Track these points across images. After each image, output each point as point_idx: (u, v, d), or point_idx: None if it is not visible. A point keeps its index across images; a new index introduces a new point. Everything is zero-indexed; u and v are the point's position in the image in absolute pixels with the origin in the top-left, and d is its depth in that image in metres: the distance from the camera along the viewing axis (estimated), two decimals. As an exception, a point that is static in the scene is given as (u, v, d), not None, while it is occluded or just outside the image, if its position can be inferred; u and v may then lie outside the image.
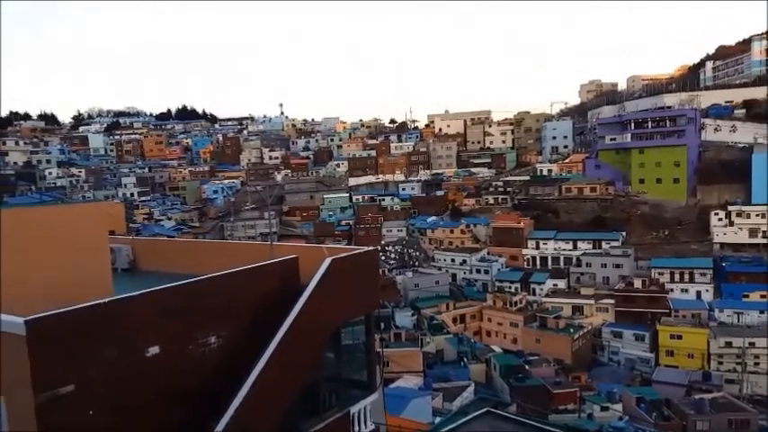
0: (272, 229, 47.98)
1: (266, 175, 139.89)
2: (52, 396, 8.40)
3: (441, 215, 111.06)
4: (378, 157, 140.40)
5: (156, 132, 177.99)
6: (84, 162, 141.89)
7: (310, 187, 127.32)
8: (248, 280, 11.87)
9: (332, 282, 12.49)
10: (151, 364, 9.81)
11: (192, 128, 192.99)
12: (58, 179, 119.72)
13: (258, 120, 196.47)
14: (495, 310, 79.70)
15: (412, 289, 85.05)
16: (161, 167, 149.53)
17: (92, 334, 9.04)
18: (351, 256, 13.90)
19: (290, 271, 12.81)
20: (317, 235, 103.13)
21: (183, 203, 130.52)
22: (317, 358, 12.74)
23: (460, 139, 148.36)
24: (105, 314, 9.28)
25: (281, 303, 11.84)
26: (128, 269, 17.52)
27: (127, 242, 18.39)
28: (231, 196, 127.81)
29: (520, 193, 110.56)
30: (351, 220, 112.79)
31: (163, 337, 10.00)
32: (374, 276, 15.33)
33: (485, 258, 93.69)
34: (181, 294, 10.55)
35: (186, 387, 10.38)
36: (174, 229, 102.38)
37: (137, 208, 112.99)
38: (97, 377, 9.01)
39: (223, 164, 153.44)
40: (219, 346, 10.95)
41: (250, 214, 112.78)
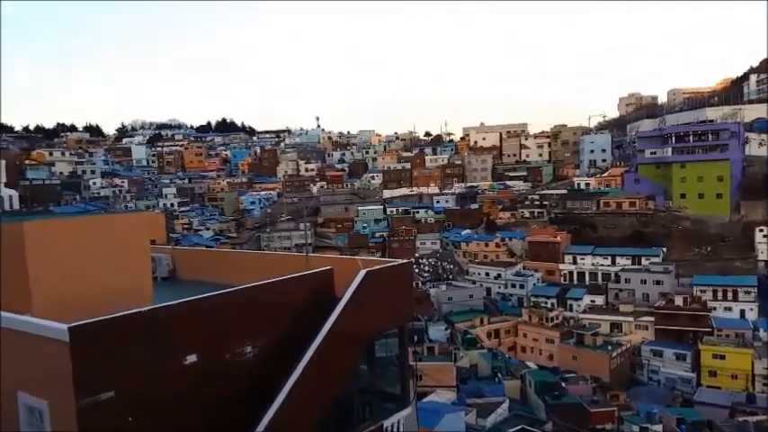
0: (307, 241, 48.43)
1: (302, 187, 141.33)
2: (93, 401, 8.60)
3: (475, 228, 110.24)
4: (412, 169, 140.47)
5: (197, 144, 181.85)
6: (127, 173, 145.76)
7: (345, 199, 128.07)
8: (284, 290, 11.99)
9: (366, 294, 12.51)
10: (188, 372, 9.97)
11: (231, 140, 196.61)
12: (102, 189, 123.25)
13: (295, 132, 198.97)
14: (531, 326, 78.45)
15: (446, 302, 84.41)
16: (200, 179, 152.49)
17: (132, 341, 9.25)
18: (385, 269, 13.91)
19: (324, 282, 12.89)
20: (351, 247, 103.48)
21: (221, 214, 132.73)
22: (351, 370, 12.75)
23: (496, 152, 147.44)
24: (145, 322, 9.49)
25: (316, 314, 11.91)
26: (167, 278, 17.90)
27: (167, 252, 18.81)
28: (268, 207, 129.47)
29: (556, 207, 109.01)
30: (385, 233, 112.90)
31: (200, 345, 10.16)
32: (408, 289, 15.32)
33: (520, 273, 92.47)
34: (218, 303, 10.72)
35: (222, 396, 10.50)
36: (212, 239, 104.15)
37: (177, 218, 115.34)
38: (136, 384, 9.20)
39: (260, 176, 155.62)
40: (255, 355, 11.06)
41: (286, 225, 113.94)
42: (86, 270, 11.49)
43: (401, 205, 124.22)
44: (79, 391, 8.45)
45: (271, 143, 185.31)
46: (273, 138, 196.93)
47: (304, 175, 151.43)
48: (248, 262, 17.75)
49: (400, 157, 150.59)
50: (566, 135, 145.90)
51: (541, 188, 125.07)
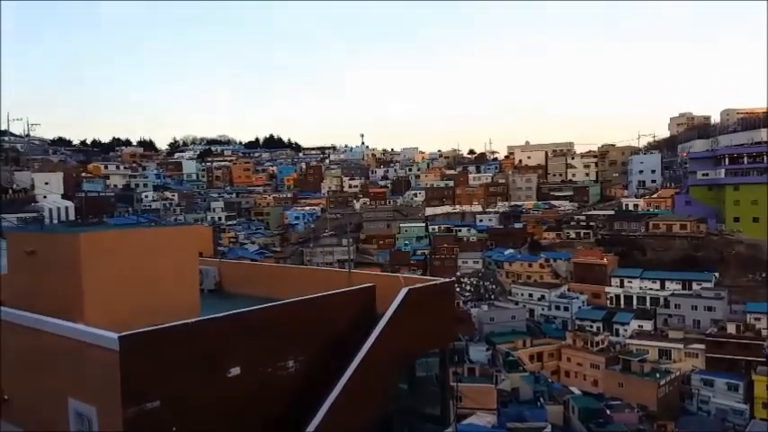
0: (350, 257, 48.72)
1: (345, 203, 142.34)
2: (139, 410, 8.80)
3: (519, 248, 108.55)
4: (455, 187, 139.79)
5: (245, 160, 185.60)
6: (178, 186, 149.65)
7: (387, 216, 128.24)
8: (327, 306, 12.07)
9: (408, 312, 12.46)
10: (232, 385, 10.11)
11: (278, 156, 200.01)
12: (153, 202, 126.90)
13: (340, 149, 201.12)
14: (575, 350, 76.51)
15: (487, 323, 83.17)
16: (247, 193, 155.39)
17: (179, 352, 9.44)
18: (427, 287, 13.85)
19: (367, 299, 12.91)
20: (392, 264, 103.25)
21: (267, 228, 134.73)
22: (392, 389, 12.68)
23: (541, 171, 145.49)
24: (192, 333, 9.68)
25: (358, 331, 11.93)
26: (214, 290, 18.25)
27: (214, 264, 19.21)
28: (311, 223, 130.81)
29: (603, 228, 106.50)
30: (426, 250, 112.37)
31: (244, 358, 10.30)
32: (451, 308, 15.21)
33: (565, 295, 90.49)
34: (263, 317, 10.87)
35: (264, 410, 10.59)
36: (257, 252, 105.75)
37: (224, 231, 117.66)
38: (181, 394, 9.37)
39: (305, 191, 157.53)
40: (297, 370, 11.15)
41: (328, 241, 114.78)
42: (137, 280, 11.83)
43: (443, 223, 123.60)
44: (127, 399, 8.66)
45: (316, 159, 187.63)
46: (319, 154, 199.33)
47: (347, 192, 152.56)
48: (292, 276, 17.95)
49: (443, 174, 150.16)
50: (614, 155, 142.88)
51: (588, 208, 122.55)
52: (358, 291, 12.92)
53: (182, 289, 12.59)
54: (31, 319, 10.72)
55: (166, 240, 12.78)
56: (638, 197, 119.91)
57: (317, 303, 11.89)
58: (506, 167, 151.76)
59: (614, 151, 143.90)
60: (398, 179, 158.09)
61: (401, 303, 12.32)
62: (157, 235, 13.28)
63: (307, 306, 11.68)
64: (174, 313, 10.81)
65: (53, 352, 10.15)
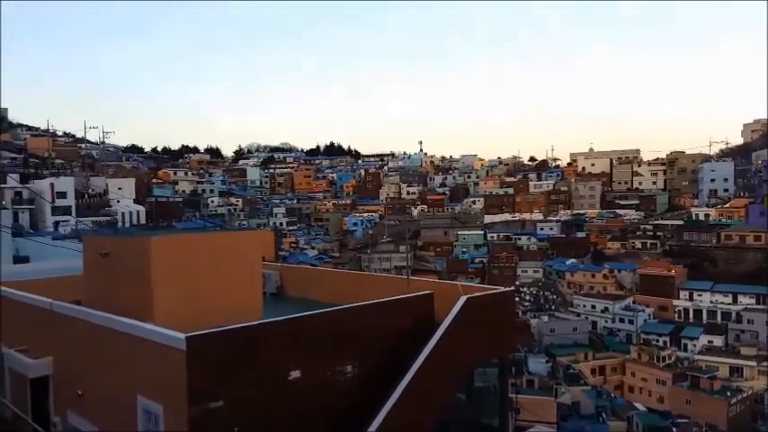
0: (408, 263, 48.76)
1: (403, 210, 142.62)
2: (204, 409, 9.07)
3: (581, 258, 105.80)
4: (515, 195, 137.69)
5: (306, 167, 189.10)
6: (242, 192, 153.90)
7: (445, 223, 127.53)
8: (386, 312, 12.11)
9: (467, 321, 12.35)
10: (292, 388, 10.27)
11: (338, 163, 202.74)
12: (219, 207, 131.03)
13: (398, 156, 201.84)
14: (640, 365, 73.78)
15: (547, 334, 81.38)
16: (308, 200, 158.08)
17: (242, 354, 9.69)
18: (487, 296, 13.70)
19: (425, 306, 12.88)
20: (449, 271, 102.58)
21: (326, 234, 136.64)
22: (450, 398, 12.59)
23: (605, 179, 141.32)
24: (255, 336, 9.92)
25: (416, 338, 11.91)
26: (275, 294, 18.64)
27: (276, 268, 19.62)
28: (369, 229, 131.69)
29: (672, 239, 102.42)
30: (484, 258, 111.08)
31: (304, 361, 10.46)
32: (510, 318, 14.98)
33: (629, 307, 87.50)
34: (323, 322, 11.02)
35: (323, 414, 10.71)
36: (317, 257, 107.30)
37: (285, 236, 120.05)
38: (243, 395, 9.60)
39: (364, 198, 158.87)
40: (355, 375, 11.22)
41: (386, 247, 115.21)
42: (204, 283, 12.22)
43: (502, 231, 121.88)
44: (192, 399, 8.94)
45: (375, 166, 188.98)
46: (377, 161, 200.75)
47: (405, 198, 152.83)
48: (351, 282, 18.12)
49: (503, 182, 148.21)
50: (683, 162, 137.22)
51: (655, 218, 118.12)
52: (417, 298, 12.91)
53: (245, 292, 12.91)
54: (104, 318, 11.24)
55: (232, 244, 13.15)
56: (709, 206, 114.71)
57: (376, 309, 11.95)
58: (569, 175, 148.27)
59: (684, 158, 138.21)
60: (457, 186, 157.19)
61: (460, 312, 12.23)
62: (223, 239, 13.69)
63: (366, 312, 11.76)
64: (238, 316, 11.11)
65: (124, 350, 10.59)
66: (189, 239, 12.89)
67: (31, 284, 15.25)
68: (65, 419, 12.30)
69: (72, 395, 11.90)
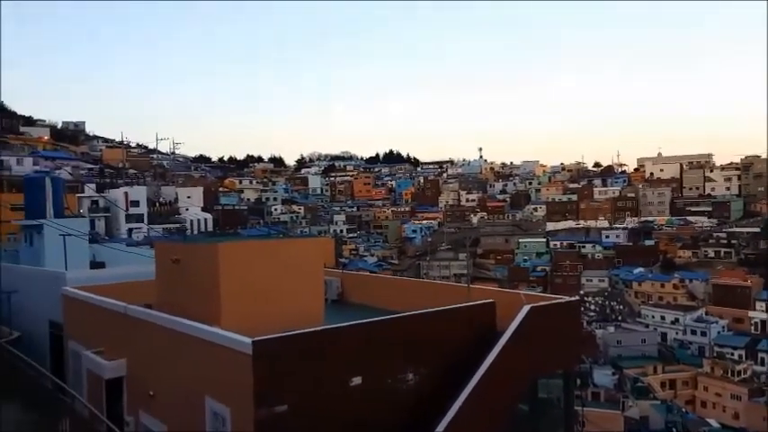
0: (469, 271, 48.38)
1: (462, 217, 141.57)
2: (269, 413, 9.27)
3: (650, 267, 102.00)
4: (579, 201, 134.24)
5: (365, 175, 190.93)
6: (303, 200, 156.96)
7: (506, 231, 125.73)
8: (446, 320, 12.04)
9: (530, 331, 12.13)
10: (354, 394, 10.35)
11: (397, 171, 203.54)
12: (282, 215, 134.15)
13: (457, 163, 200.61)
14: (713, 379, 70.32)
15: (614, 345, 78.80)
16: (367, 207, 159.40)
17: (306, 359, 9.85)
18: (551, 306, 13.41)
19: (487, 315, 12.74)
20: (510, 279, 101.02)
21: (385, 241, 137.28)
22: (512, 410, 12.37)
23: (675, 185, 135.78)
24: (319, 341, 10.08)
25: (477, 347, 11.78)
26: (336, 300, 18.86)
27: (337, 275, 19.86)
28: (428, 236, 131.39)
29: (747, 247, 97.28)
30: (547, 267, 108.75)
31: (366, 368, 10.52)
32: (576, 329, 14.63)
33: (702, 318, 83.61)
34: (385, 329, 11.06)
35: (383, 421, 10.73)
36: (376, 264, 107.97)
37: (345, 243, 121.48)
38: (307, 400, 9.75)
39: (422, 205, 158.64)
40: (416, 383, 11.20)
41: (445, 255, 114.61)
42: (269, 289, 12.51)
43: (566, 239, 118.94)
44: (258, 402, 9.16)
45: (433, 174, 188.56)
46: (436, 168, 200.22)
47: (465, 206, 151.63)
48: (411, 289, 18.11)
49: (566, 188, 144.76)
50: (759, 166, 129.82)
51: (729, 225, 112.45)
52: (478, 306, 12.78)
53: (308, 298, 13.13)
54: (174, 321, 11.69)
55: (295, 251, 13.41)
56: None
57: (437, 317, 11.90)
58: (636, 181, 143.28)
59: (760, 163, 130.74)
60: (518, 193, 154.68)
61: (523, 321, 12.03)
62: (287, 246, 13.99)
63: (427, 320, 11.73)
64: (301, 321, 11.30)
65: (193, 353, 10.98)
66: (255, 246, 13.23)
67: (107, 289, 16.01)
68: (137, 419, 12.81)
69: (144, 396, 12.41)
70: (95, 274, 20.38)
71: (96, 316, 14.96)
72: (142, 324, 12.78)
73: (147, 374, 12.65)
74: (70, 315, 16.80)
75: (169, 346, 11.81)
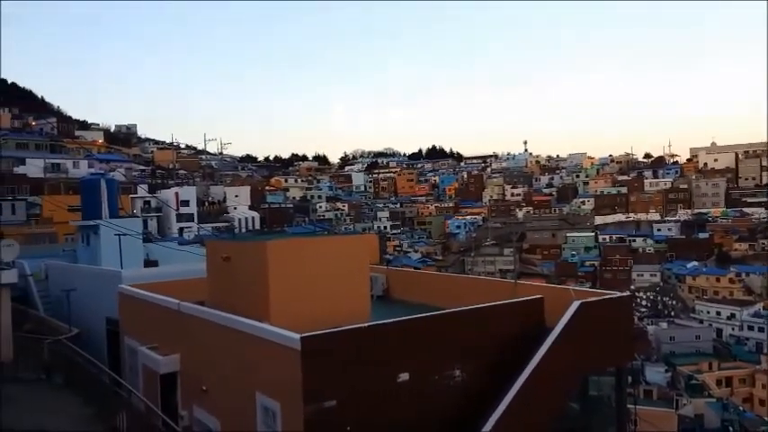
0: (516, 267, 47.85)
1: (507, 212, 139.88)
2: (318, 408, 9.37)
3: (704, 260, 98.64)
4: (629, 194, 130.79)
5: (408, 171, 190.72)
6: (347, 197, 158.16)
7: (553, 225, 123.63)
8: (494, 316, 11.93)
9: (580, 327, 11.89)
10: (401, 390, 10.36)
11: (440, 166, 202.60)
12: (326, 212, 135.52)
13: (502, 157, 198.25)
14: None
15: (666, 342, 76.67)
16: (411, 203, 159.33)
17: (353, 355, 9.92)
18: (602, 301, 13.11)
19: (535, 311, 12.56)
20: (558, 275, 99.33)
21: (429, 237, 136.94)
22: (562, 407, 12.16)
23: (730, 175, 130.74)
24: (366, 337, 10.12)
25: (525, 344, 11.63)
26: (381, 297, 18.92)
27: (382, 272, 19.92)
28: (473, 232, 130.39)
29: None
30: (596, 262, 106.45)
31: (412, 364, 10.52)
32: (628, 325, 14.25)
33: (760, 314, 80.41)
34: (431, 325, 11.03)
35: (430, 417, 10.72)
36: (420, 261, 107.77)
37: (389, 240, 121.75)
38: (355, 396, 9.81)
39: (466, 200, 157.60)
40: (463, 380, 11.13)
41: (490, 250, 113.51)
42: (316, 285, 12.65)
43: (615, 233, 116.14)
44: (307, 397, 9.27)
45: (477, 168, 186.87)
46: (480, 163, 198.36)
47: (509, 200, 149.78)
48: (457, 285, 18.00)
49: (615, 180, 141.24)
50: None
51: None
52: (526, 302, 12.62)
53: (354, 294, 13.21)
54: (225, 318, 11.94)
55: (341, 248, 13.51)
56: None
57: (484, 313, 11.80)
58: (689, 172, 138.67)
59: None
60: (564, 186, 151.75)
61: (573, 317, 11.80)
62: (334, 243, 14.11)
63: (474, 316, 11.65)
64: (348, 317, 11.38)
65: (243, 349, 11.19)
66: (302, 243, 13.38)
67: (161, 286, 16.49)
68: (191, 413, 13.15)
69: (197, 390, 12.72)
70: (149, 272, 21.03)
71: (151, 313, 15.42)
72: (194, 320, 13.10)
73: (199, 370, 12.96)
74: (126, 312, 17.38)
75: (220, 341, 12.07)
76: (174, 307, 13.96)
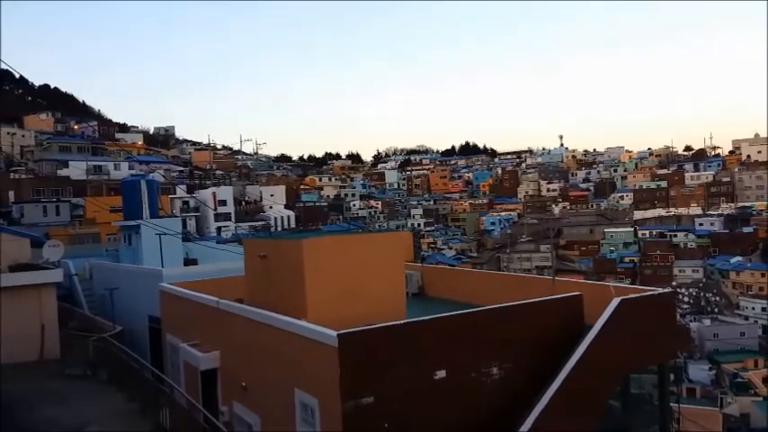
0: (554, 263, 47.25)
1: (543, 208, 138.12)
2: (356, 405, 9.42)
3: (748, 255, 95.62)
4: (669, 188, 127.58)
5: (441, 168, 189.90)
6: (381, 195, 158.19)
7: (590, 221, 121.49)
8: (531, 314, 11.80)
9: (621, 324, 11.68)
10: (438, 388, 10.35)
11: (474, 162, 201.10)
12: (360, 210, 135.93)
13: (537, 152, 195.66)
14: (825, 375, 65.07)
15: (710, 339, 74.63)
16: (444, 200, 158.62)
17: (390, 352, 9.93)
18: (643, 298, 12.85)
19: (574, 308, 12.38)
20: (596, 271, 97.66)
21: (463, 234, 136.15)
22: (602, 406, 11.96)
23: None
24: (402, 334, 10.13)
25: (564, 342, 11.49)
26: (417, 294, 18.90)
27: (416, 269, 19.90)
28: (508, 228, 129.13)
29: None
30: (635, 257, 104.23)
31: (449, 361, 10.49)
32: (671, 322, 13.92)
33: (809, 310, 77.58)
34: (469, 322, 10.97)
35: (467, 414, 10.67)
36: (455, 258, 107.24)
37: (422, 237, 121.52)
38: (392, 393, 9.83)
39: (501, 197, 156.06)
40: (501, 378, 11.05)
41: (526, 247, 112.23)
42: (351, 282, 12.71)
43: (655, 228, 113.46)
44: (345, 394, 9.33)
45: (512, 164, 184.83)
46: (514, 159, 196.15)
47: (545, 196, 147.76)
48: (492, 282, 17.88)
49: (654, 174, 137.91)
50: None
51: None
52: (564, 299, 12.44)
53: (390, 291, 13.23)
54: (263, 315, 12.10)
55: (376, 246, 13.54)
56: None
57: (521, 310, 11.69)
58: (731, 164, 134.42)
59: None
60: (602, 181, 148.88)
61: (613, 314, 11.59)
62: (369, 240, 14.15)
63: (511, 313, 11.54)
64: (384, 314, 11.41)
65: (281, 346, 11.32)
66: (337, 241, 13.46)
67: (200, 284, 16.81)
68: (231, 409, 13.37)
69: (237, 386, 12.94)
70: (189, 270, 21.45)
71: (191, 310, 15.73)
72: (233, 318, 13.31)
73: (239, 366, 13.16)
74: (167, 309, 17.77)
75: (259, 338, 12.23)
76: (213, 304, 14.21)
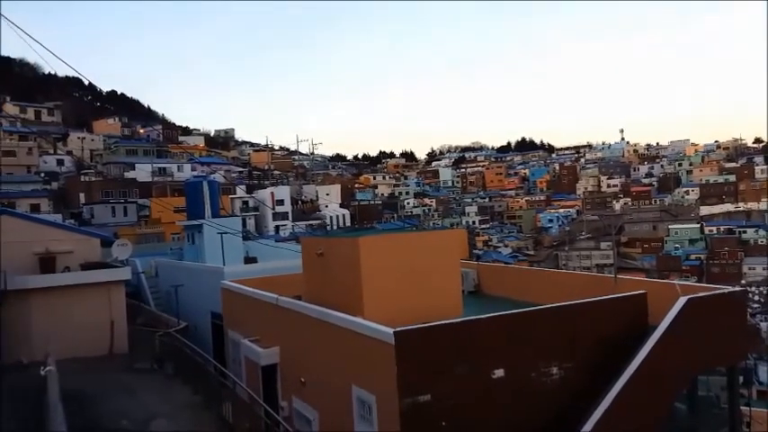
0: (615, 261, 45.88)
1: (603, 204, 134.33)
2: (413, 402, 9.46)
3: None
4: (738, 182, 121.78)
5: (497, 164, 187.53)
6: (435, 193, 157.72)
7: (653, 217, 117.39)
8: (593, 313, 11.54)
9: (688, 324, 11.25)
10: (496, 387, 10.25)
11: (530, 158, 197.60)
12: (414, 208, 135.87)
13: (596, 147, 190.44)
14: None
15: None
16: (500, 197, 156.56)
17: (448, 350, 9.92)
18: (711, 297, 12.33)
19: (637, 308, 12.03)
20: (659, 269, 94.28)
21: (519, 231, 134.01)
22: (668, 408, 11.56)
23: None
24: (458, 333, 10.09)
25: (627, 342, 11.17)
26: (473, 292, 18.77)
27: (472, 267, 19.76)
28: (566, 225, 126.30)
29: None
30: (702, 255, 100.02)
31: (508, 361, 10.37)
32: (740, 322, 13.30)
33: None
34: (525, 320, 10.83)
35: (526, 414, 10.53)
36: (511, 256, 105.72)
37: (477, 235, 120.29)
38: (449, 391, 9.81)
39: (559, 193, 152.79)
40: (561, 378, 10.85)
41: (585, 244, 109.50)
42: (407, 280, 12.75)
43: (723, 224, 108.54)
44: (402, 391, 9.38)
45: (570, 160, 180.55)
46: (573, 154, 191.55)
47: (605, 192, 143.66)
48: (550, 280, 17.54)
49: (722, 168, 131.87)
50: None
51: None
52: (628, 298, 12.10)
53: (446, 289, 13.19)
54: (321, 312, 12.30)
55: (431, 243, 13.54)
56: None
57: (581, 310, 11.43)
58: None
59: None
60: (666, 176, 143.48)
61: (680, 314, 11.17)
62: (424, 239, 14.16)
63: (572, 312, 11.31)
64: (440, 312, 11.40)
65: (339, 342, 11.48)
66: (393, 239, 13.53)
67: (260, 282, 17.22)
68: (290, 404, 13.65)
69: (296, 382, 13.20)
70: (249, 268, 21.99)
71: (251, 307, 16.15)
72: (292, 314, 13.58)
73: (298, 362, 13.42)
74: (228, 306, 18.30)
75: (317, 335, 12.44)
76: (272, 301, 14.53)
